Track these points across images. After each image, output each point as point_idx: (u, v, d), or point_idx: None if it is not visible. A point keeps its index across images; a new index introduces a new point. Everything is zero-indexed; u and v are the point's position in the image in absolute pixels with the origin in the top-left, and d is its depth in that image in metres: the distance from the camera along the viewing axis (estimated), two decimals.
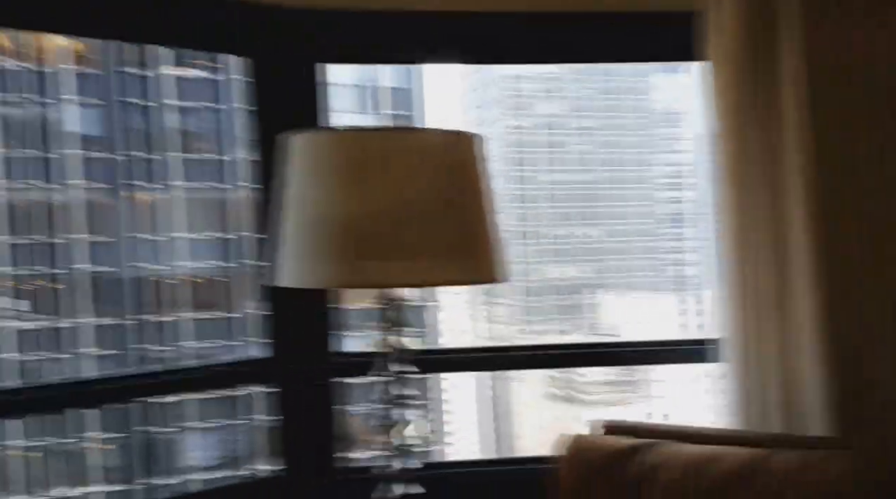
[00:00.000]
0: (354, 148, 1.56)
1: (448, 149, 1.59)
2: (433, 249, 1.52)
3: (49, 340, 13.64)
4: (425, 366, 1.95)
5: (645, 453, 1.72)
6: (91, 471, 14.08)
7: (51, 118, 13.44)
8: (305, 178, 1.58)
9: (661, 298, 18.50)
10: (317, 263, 1.54)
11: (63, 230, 13.55)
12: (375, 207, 1.51)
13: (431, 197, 1.54)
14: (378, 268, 1.51)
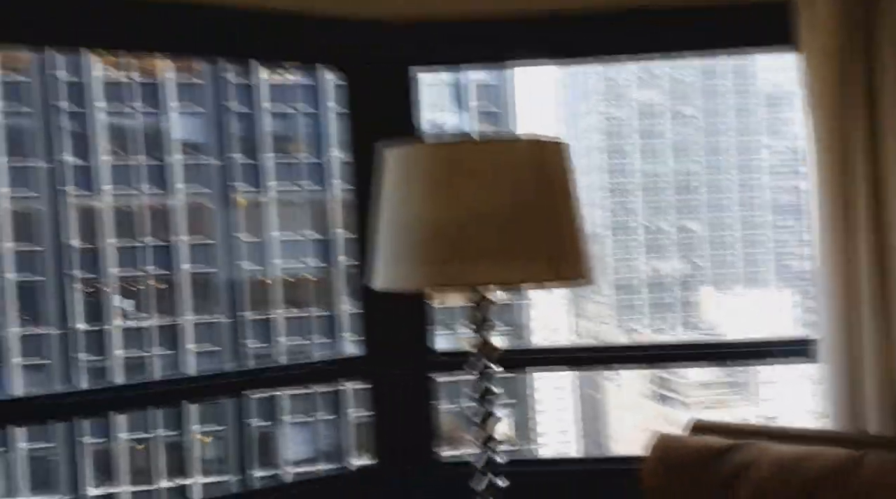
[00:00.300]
0: (444, 158, 1.55)
1: (534, 156, 1.55)
2: (520, 251, 1.50)
3: (154, 337, 14.26)
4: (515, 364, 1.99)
5: (734, 453, 1.61)
6: (193, 463, 14.65)
7: (157, 126, 13.96)
8: (398, 186, 1.57)
9: (764, 294, 17.76)
10: (409, 266, 1.52)
11: (169, 233, 14.11)
12: (465, 212, 1.49)
13: (519, 202, 1.51)
14: (467, 270, 1.49)
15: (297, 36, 2.31)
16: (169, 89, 13.85)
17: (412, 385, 2.39)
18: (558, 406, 18.48)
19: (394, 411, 2.35)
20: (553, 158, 1.57)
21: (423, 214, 1.49)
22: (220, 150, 14.06)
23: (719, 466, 1.60)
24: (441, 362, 2.45)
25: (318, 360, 2.46)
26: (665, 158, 16.76)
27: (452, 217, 1.48)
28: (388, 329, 2.35)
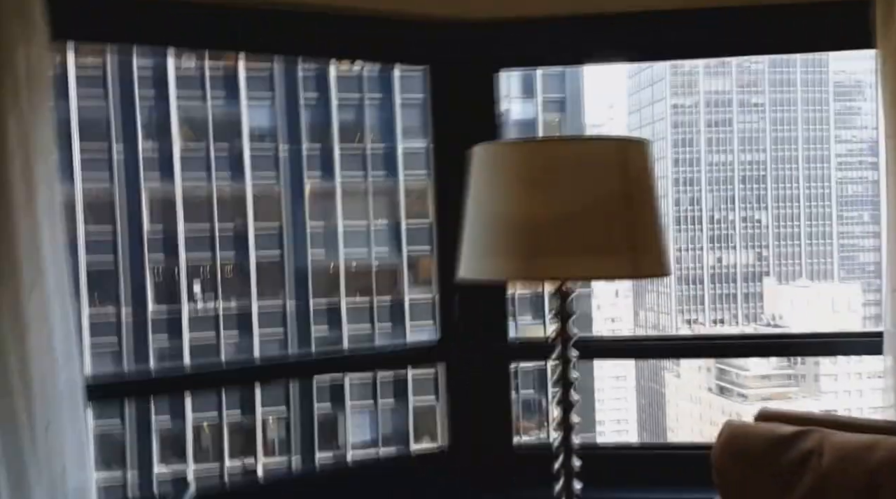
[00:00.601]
0: (533, 157, 1.64)
1: (619, 155, 1.63)
2: (604, 247, 1.58)
3: (225, 322, 14.53)
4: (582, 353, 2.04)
5: (800, 440, 1.68)
6: (261, 444, 14.95)
7: (230, 115, 14.22)
8: (487, 182, 1.66)
9: (831, 288, 17.49)
10: (497, 259, 1.62)
11: (238, 219, 14.36)
12: (552, 209, 1.57)
13: (603, 200, 1.59)
14: (553, 264, 1.58)
15: (386, 35, 2.38)
16: (243, 79, 14.05)
17: (489, 372, 2.48)
18: (618, 396, 18.51)
19: (466, 396, 2.44)
20: (637, 156, 1.64)
21: (511, 210, 1.59)
22: (293, 138, 14.23)
23: (785, 452, 1.69)
24: (517, 350, 2.54)
25: (397, 344, 2.55)
26: (732, 148, 16.58)
27: (540, 213, 1.57)
28: (465, 317, 2.44)
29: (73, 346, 1.68)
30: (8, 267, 1.57)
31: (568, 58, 2.61)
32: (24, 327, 1.60)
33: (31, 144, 1.61)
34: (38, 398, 1.62)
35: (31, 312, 1.61)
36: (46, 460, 1.64)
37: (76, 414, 1.69)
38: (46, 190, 1.64)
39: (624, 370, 17.88)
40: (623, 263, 1.56)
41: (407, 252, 15.04)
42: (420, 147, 15.00)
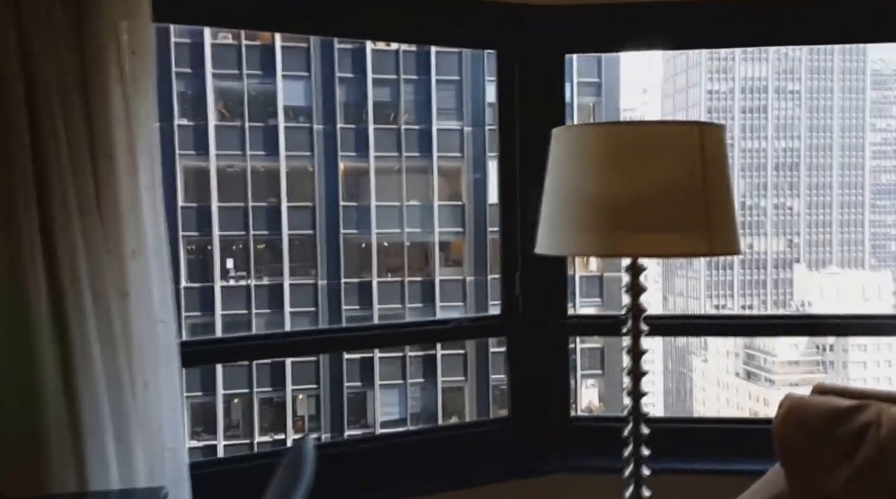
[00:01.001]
0: (616, 139, 1.71)
1: (696, 138, 1.70)
2: (681, 224, 1.66)
3: (257, 298, 14.68)
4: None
5: (857, 412, 1.76)
6: (290, 420, 15.15)
7: (267, 91, 14.32)
8: (568, 163, 1.74)
9: (861, 275, 17.33)
10: (577, 235, 1.70)
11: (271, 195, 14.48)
12: (632, 188, 1.65)
13: (681, 180, 1.67)
14: (632, 240, 1.66)
15: (455, 18, 2.44)
16: (277, 53, 14.09)
17: (549, 346, 2.56)
18: (644, 379, 18.58)
19: (527, 368, 2.52)
20: (713, 140, 1.71)
21: (594, 189, 1.66)
22: (325, 115, 14.28)
23: (844, 424, 1.75)
24: (576, 326, 2.62)
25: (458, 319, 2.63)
26: (766, 135, 16.44)
27: (622, 192, 1.65)
28: (526, 293, 2.51)
29: (169, 310, 1.77)
30: (114, 234, 1.66)
31: (633, 44, 2.66)
32: (127, 292, 1.69)
33: (134, 114, 1.69)
34: (137, 359, 1.71)
35: (132, 277, 1.69)
36: (145, 416, 1.73)
37: (172, 375, 1.79)
38: (147, 159, 1.72)
39: (651, 354, 17.91)
40: (700, 240, 1.63)
41: (438, 233, 15.16)
42: (455, 128, 15.08)
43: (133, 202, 1.69)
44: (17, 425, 1.62)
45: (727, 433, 2.56)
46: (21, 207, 1.55)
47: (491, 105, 15.37)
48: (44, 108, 1.56)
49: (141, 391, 1.74)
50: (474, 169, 15.23)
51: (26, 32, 1.55)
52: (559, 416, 2.55)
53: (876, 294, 16.10)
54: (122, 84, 1.66)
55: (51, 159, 1.57)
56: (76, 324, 1.62)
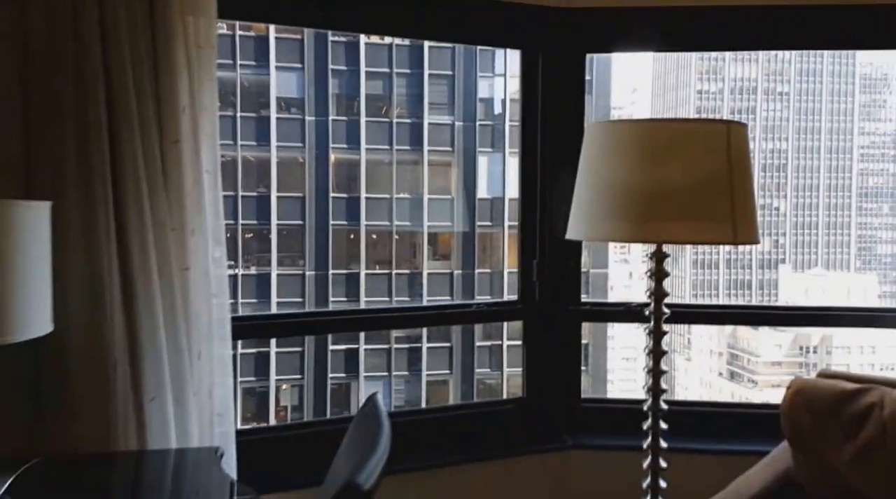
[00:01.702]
0: (649, 134, 1.85)
1: (724, 135, 1.84)
2: (709, 215, 1.80)
3: (245, 286, 14.74)
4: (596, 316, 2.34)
5: (861, 395, 1.91)
6: (273, 409, 15.23)
7: (260, 82, 14.39)
8: (603, 156, 1.87)
9: (847, 277, 17.58)
10: (610, 222, 1.83)
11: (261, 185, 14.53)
12: (664, 180, 1.79)
13: (709, 174, 1.81)
14: (664, 227, 1.80)
15: (482, 18, 2.58)
16: (271, 44, 14.12)
17: (564, 330, 2.71)
18: (626, 377, 18.74)
19: (542, 351, 2.68)
20: (739, 137, 1.88)
21: (626, 180, 1.81)
22: (317, 107, 14.33)
23: (849, 405, 1.92)
24: (589, 312, 2.76)
25: (477, 303, 2.80)
26: (755, 136, 16.66)
27: (652, 184, 1.80)
28: (543, 280, 2.67)
29: (224, 287, 1.89)
30: (178, 213, 1.78)
31: (648, 45, 2.79)
32: (188, 266, 1.80)
33: (198, 102, 1.80)
34: (194, 330, 1.83)
35: (192, 253, 1.81)
36: (199, 383, 1.85)
37: (224, 345, 1.91)
38: (210, 144, 1.84)
39: (634, 352, 18.09)
40: (725, 229, 1.77)
41: (427, 226, 15.27)
42: (446, 122, 15.20)
43: (196, 184, 1.81)
44: (87, 386, 1.73)
45: (736, 417, 2.72)
46: (97, 187, 1.66)
47: (483, 100, 15.56)
48: (120, 93, 1.68)
49: (196, 360, 1.86)
50: (465, 163, 15.33)
51: (106, 23, 1.66)
52: (571, 397, 2.70)
53: (861, 296, 16.34)
54: (188, 74, 1.78)
55: (125, 140, 1.69)
56: (143, 294, 1.73)
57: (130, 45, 1.66)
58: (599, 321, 3.16)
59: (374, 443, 1.20)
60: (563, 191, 2.35)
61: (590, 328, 14.76)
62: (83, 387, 1.70)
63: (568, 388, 2.68)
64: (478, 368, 16.34)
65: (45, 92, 1.63)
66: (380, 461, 1.20)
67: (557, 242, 2.48)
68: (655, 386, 1.95)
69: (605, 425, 2.67)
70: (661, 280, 1.97)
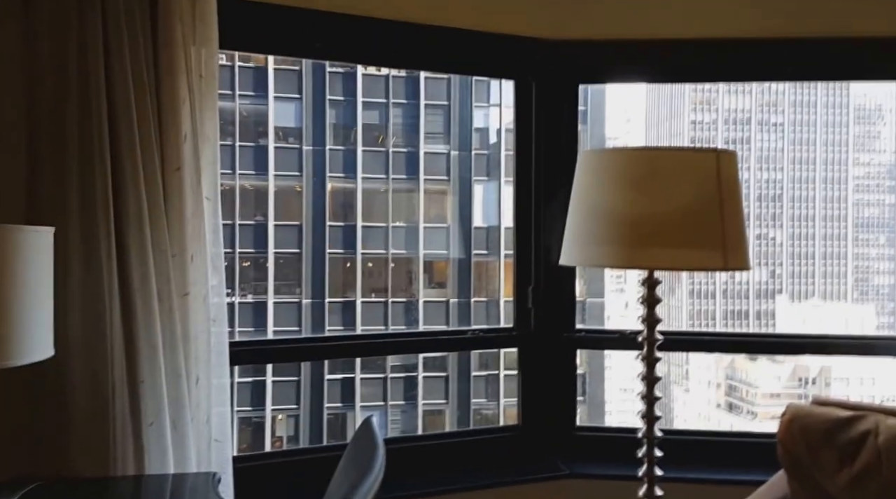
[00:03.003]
0: (638, 162, 1.88)
1: (713, 163, 1.87)
2: (700, 242, 1.83)
3: (237, 314, 14.69)
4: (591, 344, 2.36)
5: (856, 422, 1.92)
6: (269, 438, 15.11)
7: (258, 112, 14.48)
8: (595, 183, 1.89)
9: (844, 308, 17.56)
10: (601, 248, 1.86)
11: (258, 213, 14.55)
12: (656, 207, 1.83)
13: (700, 201, 1.85)
14: (654, 253, 1.82)
15: (477, 50, 2.62)
16: (270, 75, 14.23)
17: (559, 357, 2.72)
18: (623, 409, 18.63)
19: (537, 379, 2.68)
20: (728, 165, 1.92)
21: (617, 207, 1.84)
22: (315, 136, 14.41)
23: (844, 432, 1.93)
24: (583, 339, 2.76)
25: (472, 329, 2.80)
26: (749, 166, 16.76)
27: (644, 210, 1.83)
28: (537, 307, 2.68)
29: (223, 312, 1.91)
30: (178, 239, 1.80)
31: (645, 76, 2.83)
32: (187, 292, 1.82)
33: (200, 130, 1.83)
34: (192, 355, 1.85)
35: (192, 279, 1.83)
36: (197, 408, 1.86)
37: (222, 371, 1.92)
38: (210, 172, 1.87)
39: (631, 382, 18.03)
40: (715, 256, 1.80)
41: (423, 254, 15.29)
42: (442, 151, 15.29)
43: (196, 211, 1.83)
44: (86, 410, 1.74)
45: (732, 446, 2.72)
46: (99, 214, 1.68)
47: (478, 130, 15.66)
48: (122, 120, 1.71)
49: (193, 386, 1.87)
50: (460, 192, 15.39)
51: (111, 52, 1.69)
52: (567, 424, 2.70)
53: (858, 327, 16.31)
54: (190, 103, 1.81)
55: (127, 166, 1.71)
56: (142, 319, 1.75)
57: (134, 73, 1.69)
58: (594, 348, 3.13)
59: (368, 465, 1.21)
60: (557, 218, 2.37)
61: (586, 358, 14.76)
62: (82, 411, 1.71)
63: (563, 415, 2.69)
64: (474, 398, 16.28)
65: (49, 117, 1.66)
66: (374, 483, 1.21)
67: (552, 269, 2.52)
68: (649, 412, 1.96)
69: (601, 454, 2.67)
70: (653, 306, 2.00)
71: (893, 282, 15.63)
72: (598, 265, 2.01)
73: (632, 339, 2.49)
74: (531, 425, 2.68)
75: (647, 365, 1.98)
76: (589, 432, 2.77)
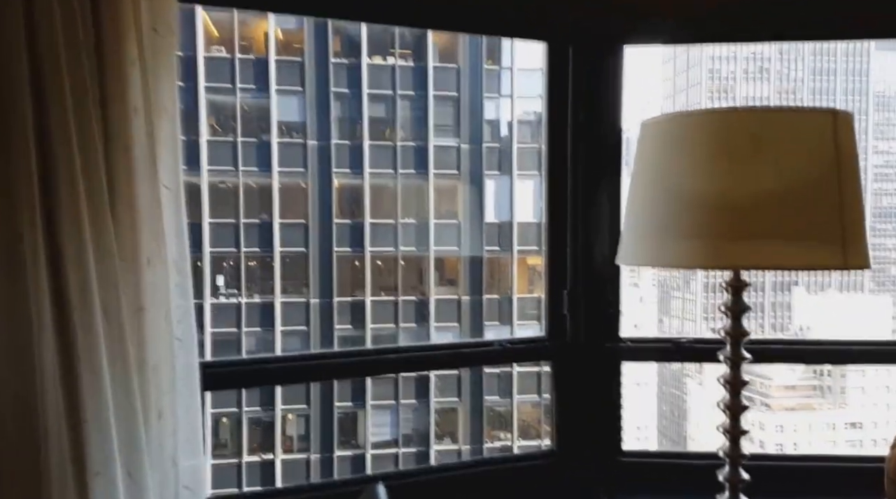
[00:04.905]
0: (730, 128, 1.45)
1: (830, 129, 1.44)
2: (813, 232, 1.38)
3: (248, 316, 14.41)
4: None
5: None
6: (280, 441, 14.84)
7: (260, 106, 14.16)
8: (668, 158, 1.47)
9: (860, 299, 17.28)
10: (678, 243, 1.42)
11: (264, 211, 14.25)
12: (751, 186, 1.38)
13: (813, 178, 1.40)
14: (751, 249, 1.39)
15: (504, 5, 2.25)
16: (271, 67, 13.91)
17: (599, 372, 2.34)
18: (638, 402, 18.31)
19: (574, 396, 2.31)
20: (846, 131, 1.43)
21: (701, 188, 1.38)
22: (319, 131, 14.11)
23: None
24: (629, 350, 2.38)
25: (500, 341, 2.42)
26: None
27: (738, 192, 1.36)
28: (576, 315, 2.30)
29: (190, 328, 1.54)
30: (129, 240, 1.43)
31: (693, 36, 2.47)
32: (142, 306, 1.46)
33: (155, 101, 1.46)
34: (152, 384, 1.48)
35: (148, 289, 1.46)
36: (159, 450, 1.50)
37: (192, 401, 1.55)
38: (169, 153, 1.50)
39: (645, 376, 17.73)
40: (834, 252, 1.37)
41: (433, 251, 14.96)
42: (452, 145, 14.93)
43: (152, 203, 1.46)
44: (13, 460, 1.39)
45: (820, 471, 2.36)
46: (23, 208, 1.32)
47: (489, 122, 15.31)
48: (51, 91, 1.34)
49: (155, 422, 1.51)
50: (471, 186, 15.07)
51: (33, 3, 1.33)
52: (610, 449, 2.33)
53: (875, 319, 15.99)
54: (141, 66, 1.44)
55: (58, 151, 1.35)
56: (83, 341, 1.38)
57: (65, 25, 1.32)
58: (642, 360, 2.76)
59: None
60: (602, 210, 2.00)
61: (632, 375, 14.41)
62: (9, 462, 1.35)
63: (606, 439, 2.31)
64: (487, 395, 15.98)
65: None
66: None
67: (593, 269, 2.13)
68: (734, 450, 1.58)
69: (652, 484, 2.28)
70: (738, 316, 1.58)
71: None
72: (672, 265, 1.56)
73: (685, 348, 2.12)
74: (569, 450, 2.30)
75: (731, 391, 1.59)
76: (637, 458, 2.39)
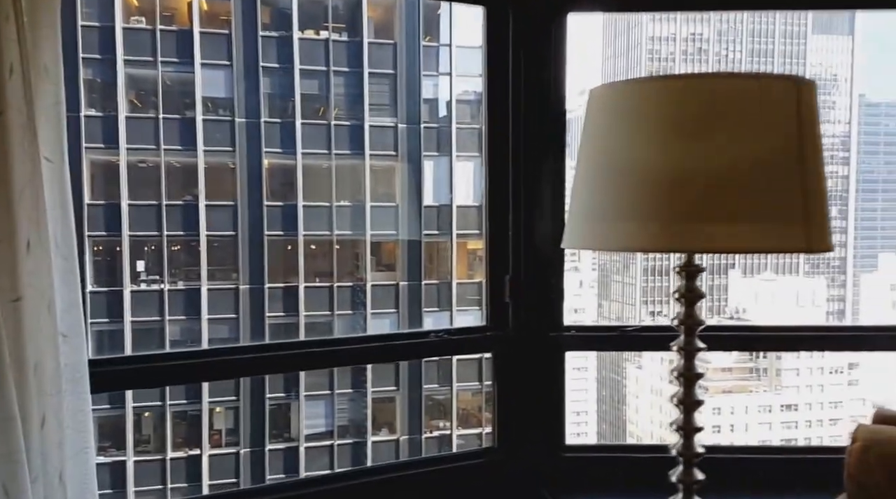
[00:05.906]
0: (684, 96, 1.28)
1: (792, 98, 1.29)
2: (774, 212, 1.24)
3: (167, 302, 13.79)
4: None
5: None
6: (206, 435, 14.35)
7: (183, 80, 13.46)
8: (616, 131, 1.31)
9: (795, 281, 17.69)
10: (626, 224, 1.26)
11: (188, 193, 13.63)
12: (707, 161, 1.24)
13: (773, 153, 1.26)
14: (708, 231, 1.24)
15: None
16: (195, 39, 13.21)
17: (541, 362, 2.23)
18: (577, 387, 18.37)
19: (520, 390, 2.19)
20: (810, 102, 1.31)
21: (652, 164, 1.24)
22: (248, 108, 13.54)
23: None
24: (573, 339, 2.26)
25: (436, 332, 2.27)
26: None
27: (692, 167, 1.23)
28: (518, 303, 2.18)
29: (78, 322, 1.32)
30: (4, 219, 1.20)
31: (641, 4, 2.32)
32: (20, 296, 1.23)
33: (33, 61, 1.23)
34: (32, 386, 1.26)
35: (25, 277, 1.24)
36: (42, 463, 1.28)
37: (79, 405, 1.33)
38: (51, 122, 1.26)
39: (585, 361, 17.85)
40: (797, 232, 1.23)
41: (370, 235, 14.62)
42: (389, 124, 14.56)
43: (31, 178, 1.23)
44: None
45: (776, 464, 2.27)
46: None
47: (427, 101, 14.98)
48: None
49: (36, 430, 1.28)
50: (409, 167, 14.74)
51: None
52: (553, 444, 2.19)
53: (810, 301, 16.39)
54: (17, 18, 1.20)
55: None
56: None
57: None
58: (587, 350, 2.61)
59: None
60: (545, 190, 1.85)
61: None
62: None
63: (550, 433, 2.16)
64: (426, 384, 15.75)
65: None
66: None
67: (536, 254, 1.97)
68: (687, 449, 1.44)
69: (595, 480, 2.15)
70: (693, 303, 1.44)
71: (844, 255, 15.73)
72: (625, 249, 1.40)
73: (631, 337, 2.00)
74: (510, 447, 2.14)
75: (684, 384, 1.45)
76: (580, 453, 2.25)
